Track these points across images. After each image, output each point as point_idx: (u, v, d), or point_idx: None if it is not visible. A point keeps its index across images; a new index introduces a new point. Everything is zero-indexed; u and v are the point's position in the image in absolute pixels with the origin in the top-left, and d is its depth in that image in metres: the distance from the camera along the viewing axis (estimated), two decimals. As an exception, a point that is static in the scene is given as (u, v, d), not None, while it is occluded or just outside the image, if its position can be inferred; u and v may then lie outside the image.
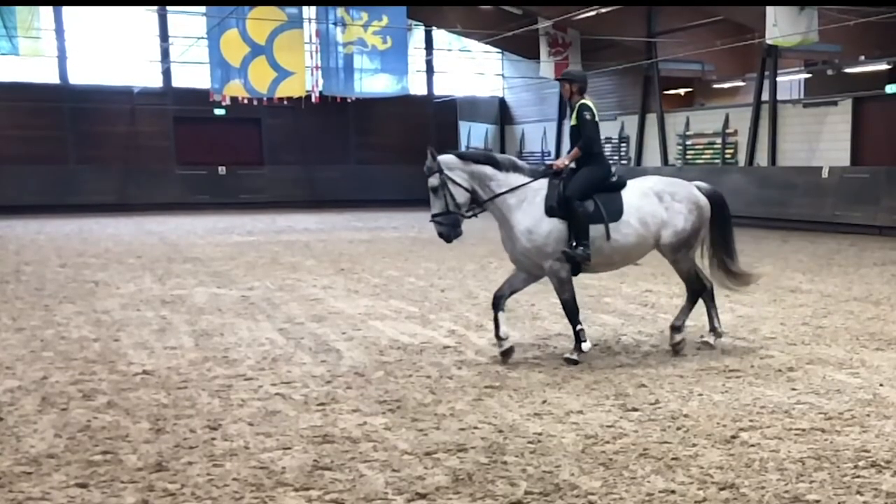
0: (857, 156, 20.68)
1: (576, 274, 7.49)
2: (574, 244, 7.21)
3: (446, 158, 7.28)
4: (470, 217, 7.41)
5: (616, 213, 7.35)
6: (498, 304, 7.45)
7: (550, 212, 7.24)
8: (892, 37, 19.64)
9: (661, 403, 6.01)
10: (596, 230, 7.26)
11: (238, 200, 29.99)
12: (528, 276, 7.58)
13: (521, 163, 7.54)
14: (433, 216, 7.33)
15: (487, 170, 7.29)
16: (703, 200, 7.75)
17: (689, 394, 6.27)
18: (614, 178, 7.59)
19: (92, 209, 27.54)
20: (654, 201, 7.53)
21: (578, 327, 7.36)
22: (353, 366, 7.22)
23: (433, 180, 7.22)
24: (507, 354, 7.31)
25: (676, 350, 7.57)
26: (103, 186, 28.71)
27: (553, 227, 7.23)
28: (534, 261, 7.36)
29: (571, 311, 7.40)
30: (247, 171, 30.86)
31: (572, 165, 7.48)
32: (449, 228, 7.28)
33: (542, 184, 7.35)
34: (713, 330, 7.94)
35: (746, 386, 6.48)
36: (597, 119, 7.55)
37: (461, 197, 7.25)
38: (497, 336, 7.37)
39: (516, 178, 7.33)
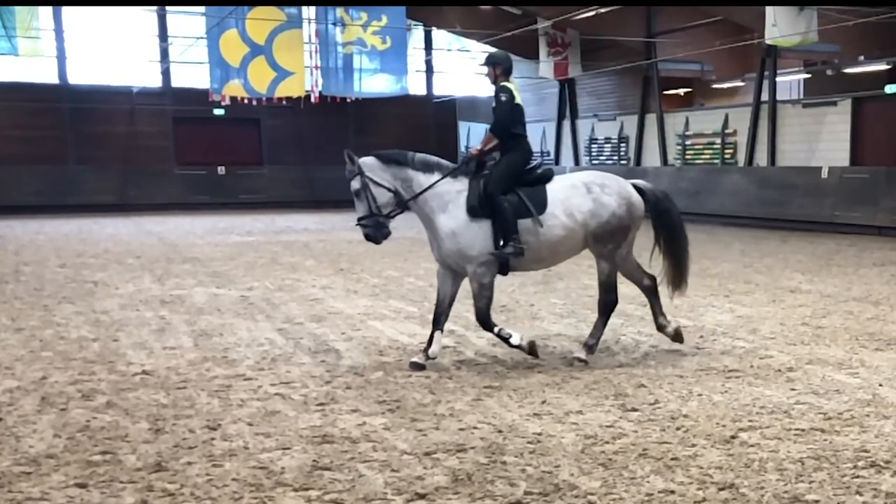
0: (857, 156, 20.68)
1: (504, 273, 7.32)
2: (502, 242, 7.00)
3: (367, 160, 7.21)
4: (392, 217, 7.28)
5: (541, 205, 7.11)
6: (439, 321, 7.30)
7: (472, 211, 7.05)
8: (892, 37, 19.65)
9: (660, 403, 6.01)
10: (523, 224, 7.05)
11: (237, 200, 29.99)
12: (457, 275, 7.39)
13: (436, 160, 7.34)
14: (358, 220, 7.26)
15: (408, 170, 7.19)
16: (636, 198, 7.42)
17: (688, 394, 6.27)
18: (539, 171, 7.38)
19: (91, 209, 27.54)
20: (582, 192, 7.25)
21: (496, 329, 7.18)
22: (353, 366, 7.22)
23: (355, 183, 7.15)
24: (417, 367, 7.04)
25: (582, 361, 7.22)
26: (102, 186, 28.71)
27: (478, 229, 7.05)
28: (458, 263, 7.20)
29: (485, 318, 7.19)
30: (246, 171, 30.86)
31: (496, 156, 7.34)
32: (374, 230, 7.22)
33: (463, 183, 7.17)
34: (661, 328, 7.64)
35: (746, 386, 6.48)
36: (517, 101, 7.32)
37: (382, 198, 7.15)
38: (426, 352, 7.16)
39: (436, 177, 7.18)
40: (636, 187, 7.56)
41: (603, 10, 21.22)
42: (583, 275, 12.13)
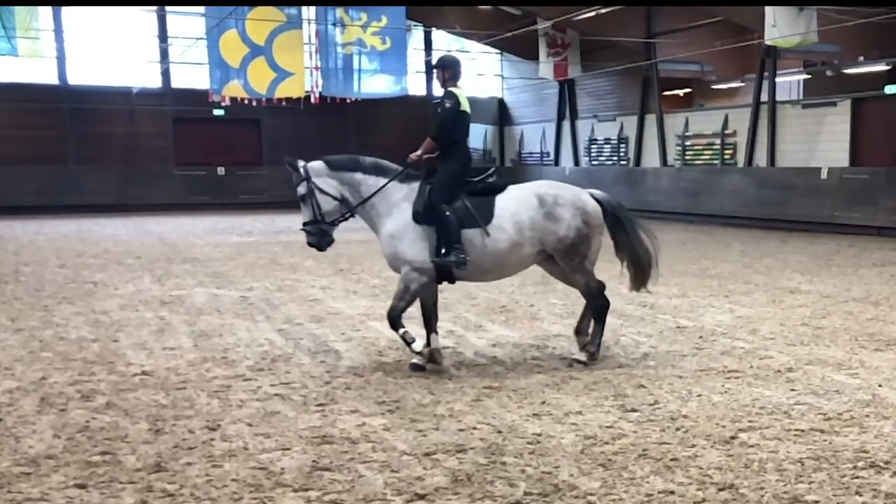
0: (856, 156, 20.69)
1: (452, 282, 7.24)
2: (444, 251, 6.89)
3: (315, 165, 7.18)
4: (335, 225, 7.27)
5: (486, 217, 6.99)
6: (430, 323, 7.26)
7: (416, 217, 6.98)
8: (891, 37, 19.66)
9: (660, 404, 6.01)
10: (467, 234, 6.94)
11: (237, 201, 29.99)
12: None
13: (386, 164, 7.26)
14: (302, 225, 7.27)
15: (357, 175, 7.15)
16: (592, 206, 7.23)
17: (688, 394, 6.27)
18: (492, 180, 7.25)
19: (91, 209, 27.54)
20: (534, 206, 7.07)
21: (402, 331, 7.03)
22: (352, 366, 7.22)
23: (301, 188, 7.13)
24: (417, 368, 7.00)
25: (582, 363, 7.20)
26: (102, 187, 28.71)
27: (417, 235, 6.97)
28: (395, 266, 7.14)
29: (395, 318, 7.03)
30: (246, 171, 30.86)
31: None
32: (317, 238, 7.24)
33: (412, 188, 7.10)
34: (579, 333, 7.47)
35: (745, 387, 6.48)
36: (462, 108, 7.18)
37: (327, 205, 7.14)
38: (420, 351, 7.09)
39: (382, 181, 7.12)
40: (592, 196, 7.37)
41: (603, 11, 21.24)
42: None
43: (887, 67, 21.14)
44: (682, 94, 28.24)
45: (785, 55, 22.08)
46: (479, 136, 34.73)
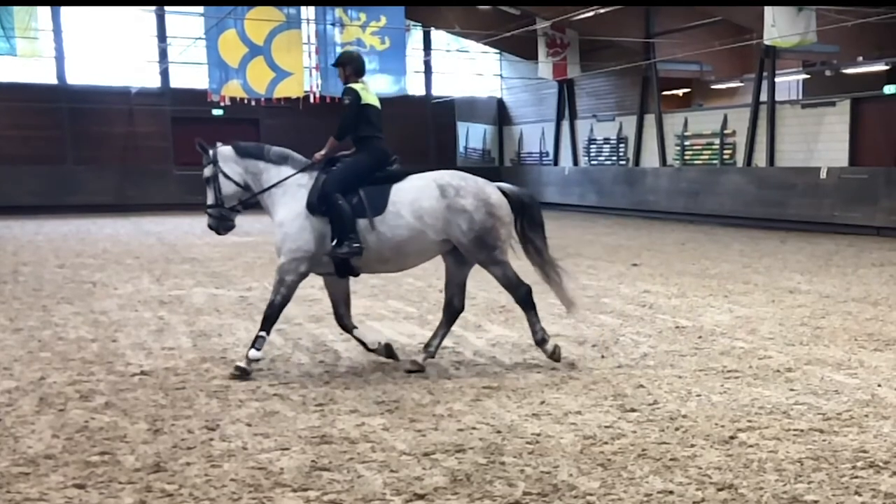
0: (856, 156, 20.69)
1: (355, 274, 7.12)
2: (336, 242, 6.80)
3: (223, 150, 7.22)
4: (236, 211, 7.27)
5: (381, 205, 6.85)
6: (346, 327, 7.28)
7: (310, 207, 6.90)
8: (891, 37, 19.66)
9: (659, 404, 6.01)
10: (363, 224, 6.84)
11: (236, 201, 29.95)
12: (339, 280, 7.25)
13: (293, 155, 7.22)
14: (206, 207, 7.28)
15: (260, 164, 7.14)
16: (497, 198, 7.03)
17: (687, 394, 6.27)
18: (392, 169, 7.15)
19: (90, 209, 27.53)
20: (435, 195, 6.93)
21: (262, 334, 6.90)
22: (351, 366, 7.22)
23: (207, 170, 7.18)
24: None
25: (556, 358, 7.13)
26: (101, 187, 28.67)
27: (305, 225, 6.89)
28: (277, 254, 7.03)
29: (271, 316, 6.93)
30: (245, 171, 30.81)
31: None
32: (217, 221, 7.27)
33: (310, 177, 7.05)
34: (427, 346, 7.23)
35: (745, 386, 6.48)
36: (364, 102, 7.14)
37: (227, 189, 7.16)
38: (371, 350, 7.13)
39: (287, 171, 7.09)
40: (500, 189, 7.20)
41: (602, 11, 21.21)
42: (582, 275, 12.12)
43: (886, 67, 21.15)
44: (681, 94, 28.25)
45: (784, 55, 22.08)
46: (478, 136, 34.75)
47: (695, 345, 7.98)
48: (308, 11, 25.98)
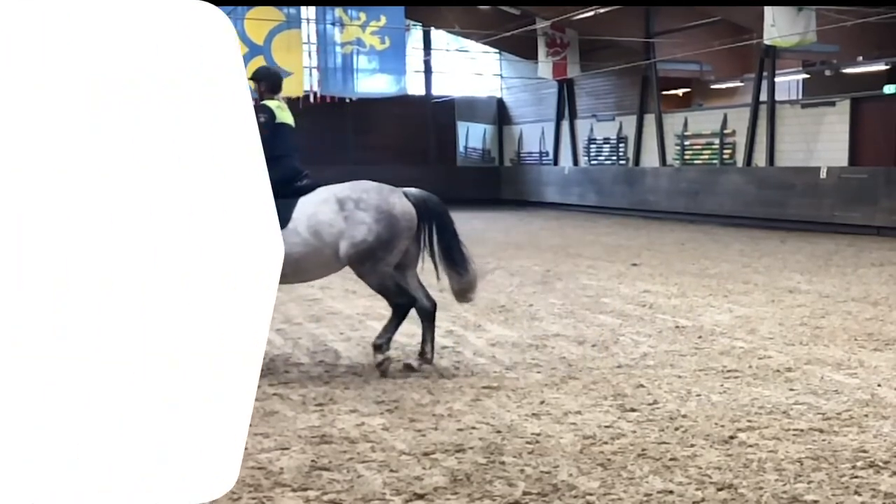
0: (856, 156, 20.70)
1: None
2: None
3: None
4: None
5: (283, 220, 6.49)
6: None
7: None
8: (891, 37, 19.67)
9: (659, 404, 6.00)
10: None
11: (236, 201, 29.96)
12: None
13: None
14: None
15: None
16: (400, 209, 6.79)
17: (687, 394, 6.26)
18: (302, 183, 6.97)
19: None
20: (333, 209, 6.72)
21: None
22: (351, 366, 7.22)
23: None
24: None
25: (382, 371, 6.80)
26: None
27: None
28: None
29: None
30: (245, 171, 30.83)
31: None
32: None
33: None
34: (422, 354, 7.08)
35: (744, 386, 6.47)
36: (279, 120, 6.95)
37: None
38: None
39: None
40: (406, 195, 6.98)
41: (602, 11, 21.25)
42: (582, 275, 12.12)
43: (886, 67, 21.15)
44: (680, 94, 28.25)
45: (784, 55, 22.09)
46: (478, 135, 34.76)
47: (695, 344, 7.97)
48: (308, 11, 26.00)
